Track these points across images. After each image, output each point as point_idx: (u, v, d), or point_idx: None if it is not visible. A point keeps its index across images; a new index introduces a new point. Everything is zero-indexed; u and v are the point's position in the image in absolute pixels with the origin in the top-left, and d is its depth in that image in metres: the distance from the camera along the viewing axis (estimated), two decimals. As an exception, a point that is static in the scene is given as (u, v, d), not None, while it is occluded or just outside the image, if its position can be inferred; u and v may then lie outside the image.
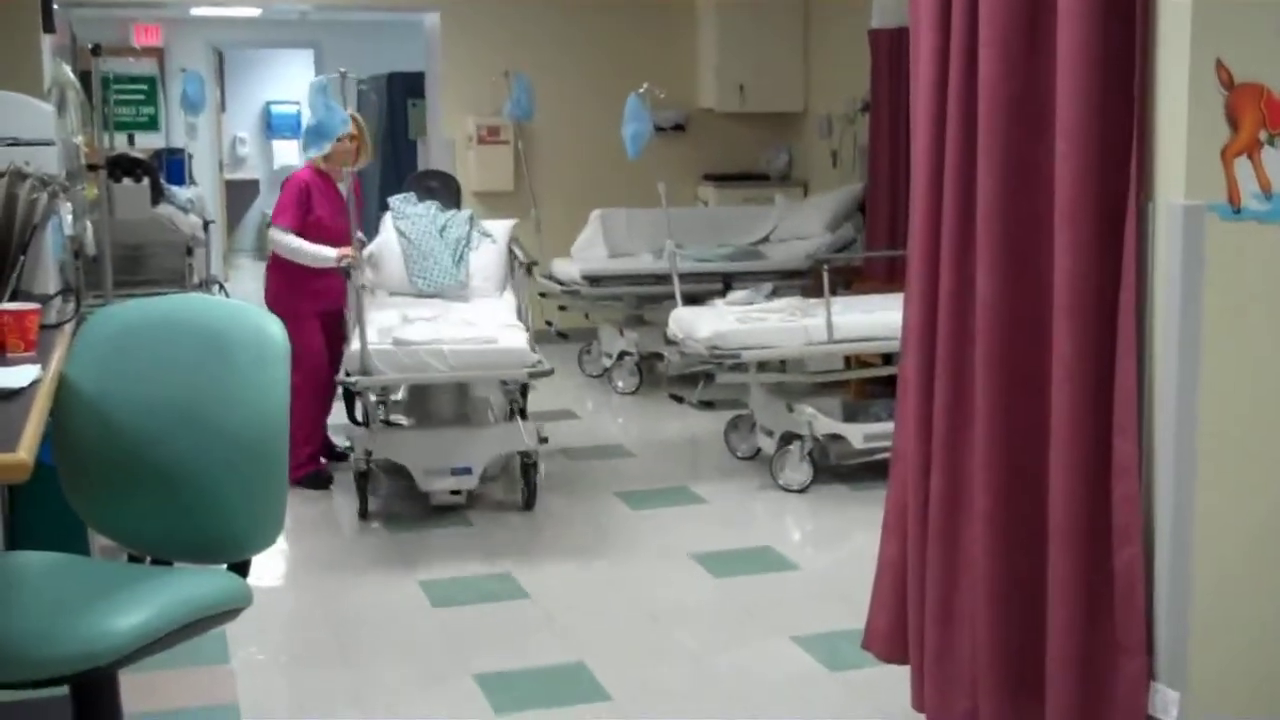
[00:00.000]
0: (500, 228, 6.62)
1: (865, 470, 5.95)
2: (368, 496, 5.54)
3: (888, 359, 6.40)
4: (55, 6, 6.99)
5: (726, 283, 7.62)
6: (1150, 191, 2.78)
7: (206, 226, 8.90)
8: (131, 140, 9.73)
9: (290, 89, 14.17)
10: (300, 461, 5.77)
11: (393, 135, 12.08)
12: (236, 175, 14.60)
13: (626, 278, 8.02)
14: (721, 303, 6.71)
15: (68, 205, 4.84)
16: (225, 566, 2.68)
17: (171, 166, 10.26)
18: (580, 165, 9.41)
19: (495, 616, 4.54)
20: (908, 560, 3.34)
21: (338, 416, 6.18)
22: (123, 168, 7.26)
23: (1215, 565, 2.82)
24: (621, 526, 5.51)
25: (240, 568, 2.69)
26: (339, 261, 5.75)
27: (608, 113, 7.97)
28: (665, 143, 8.57)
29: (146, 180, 7.33)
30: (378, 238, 6.50)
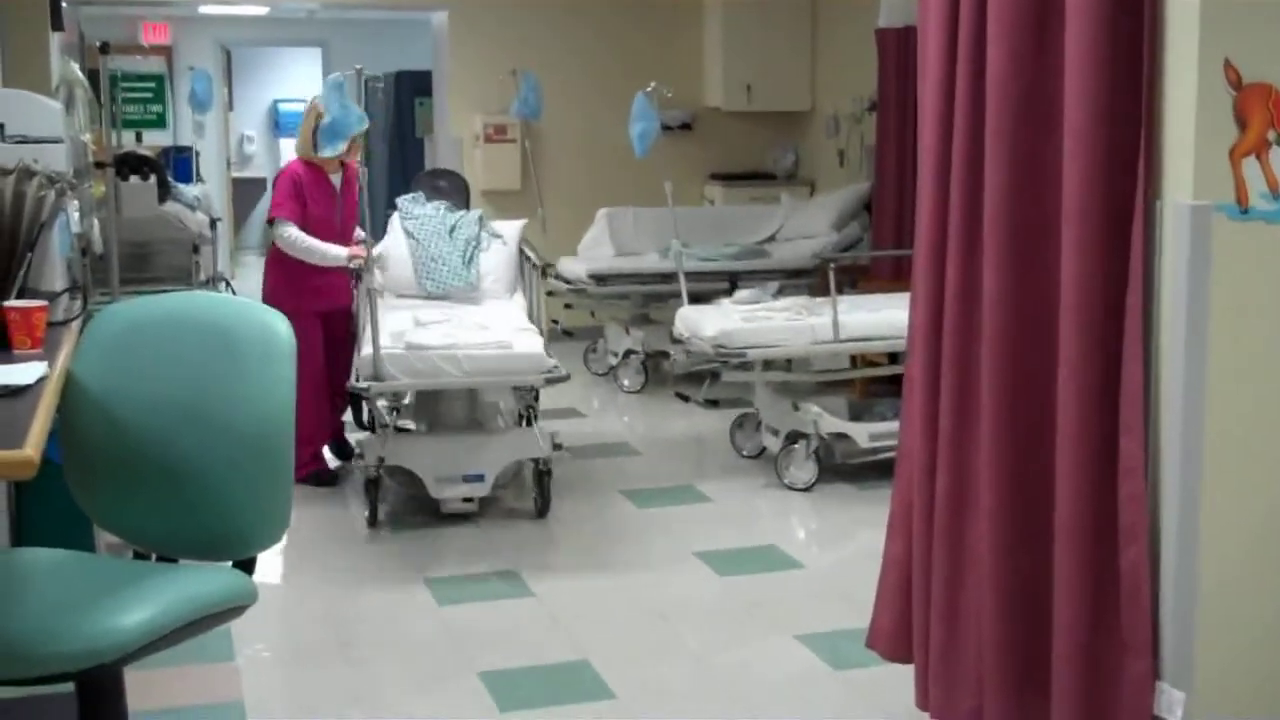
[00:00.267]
0: (510, 228, 6.53)
1: (870, 469, 5.95)
2: (377, 505, 5.42)
3: (893, 358, 6.40)
4: (64, 4, 7.01)
5: (732, 281, 7.61)
6: (1158, 191, 2.78)
7: (213, 224, 8.89)
8: (139, 138, 9.72)
9: (298, 87, 14.18)
10: (303, 460, 5.74)
11: (400, 133, 12.08)
12: (244, 173, 14.61)
13: (632, 276, 8.02)
14: (727, 301, 6.70)
15: (75, 203, 4.84)
16: (231, 564, 2.68)
17: (179, 164, 10.27)
18: (587, 164, 9.41)
19: (500, 615, 4.54)
20: (913, 559, 3.33)
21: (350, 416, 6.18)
22: (130, 165, 7.25)
23: (1220, 565, 2.81)
24: (627, 525, 5.51)
25: (245, 565, 2.68)
26: (349, 262, 5.70)
27: (615, 112, 7.98)
28: (672, 142, 8.56)
29: (154, 178, 7.32)
30: (385, 239, 6.37)
